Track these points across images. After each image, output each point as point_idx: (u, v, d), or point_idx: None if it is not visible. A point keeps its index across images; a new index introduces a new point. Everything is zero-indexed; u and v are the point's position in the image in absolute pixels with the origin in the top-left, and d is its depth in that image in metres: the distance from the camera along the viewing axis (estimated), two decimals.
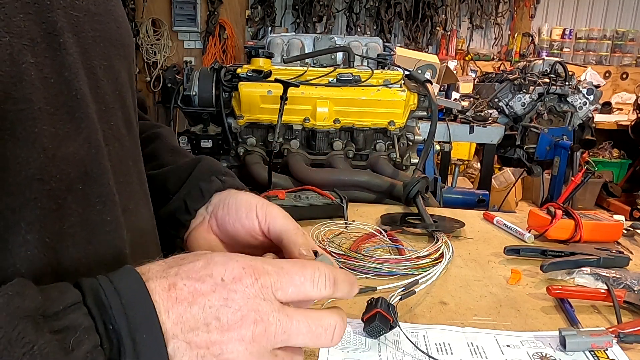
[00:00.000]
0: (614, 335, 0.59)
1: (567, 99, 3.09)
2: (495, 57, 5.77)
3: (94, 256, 0.39)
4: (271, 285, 0.35)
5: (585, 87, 3.10)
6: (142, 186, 0.51)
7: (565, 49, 5.73)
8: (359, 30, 5.53)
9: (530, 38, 5.76)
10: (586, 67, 5.24)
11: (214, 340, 0.33)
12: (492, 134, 2.87)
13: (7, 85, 0.33)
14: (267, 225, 0.50)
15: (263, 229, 0.51)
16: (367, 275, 0.77)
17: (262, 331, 0.34)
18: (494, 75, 3.55)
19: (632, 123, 4.66)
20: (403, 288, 0.71)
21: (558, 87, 3.07)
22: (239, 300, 0.34)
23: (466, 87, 3.48)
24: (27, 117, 0.35)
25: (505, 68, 4.48)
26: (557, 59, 3.39)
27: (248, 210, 0.52)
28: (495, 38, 5.82)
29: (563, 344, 0.58)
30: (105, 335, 0.30)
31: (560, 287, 0.72)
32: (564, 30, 5.75)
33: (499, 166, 4.14)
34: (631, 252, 0.90)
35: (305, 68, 1.43)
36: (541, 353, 0.58)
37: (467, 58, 5.70)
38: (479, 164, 4.04)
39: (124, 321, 0.31)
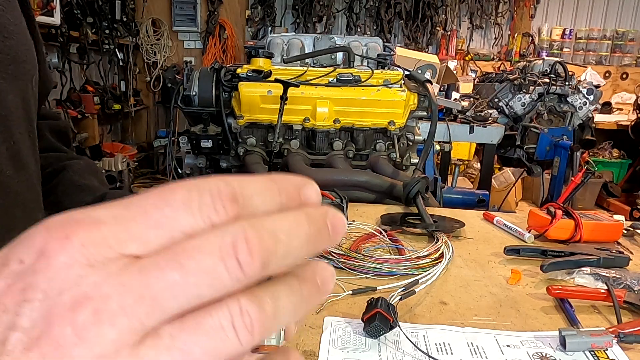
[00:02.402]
0: (614, 335, 0.59)
1: (567, 99, 3.09)
2: (495, 57, 5.78)
3: None
4: (106, 237, 0.19)
5: (585, 87, 3.10)
6: None
7: (565, 49, 5.73)
8: (359, 30, 5.53)
9: (530, 38, 5.76)
10: (586, 67, 5.24)
11: None
12: (492, 134, 2.87)
13: None
14: None
15: None
16: (367, 275, 0.77)
17: (89, 316, 0.18)
18: (494, 75, 3.55)
19: (632, 123, 4.66)
20: (403, 288, 0.71)
21: (558, 87, 3.07)
22: (43, 285, 0.18)
23: (466, 87, 3.48)
24: None
25: (505, 68, 4.49)
26: (557, 59, 3.39)
27: None
28: (495, 38, 5.83)
29: (563, 344, 0.58)
30: None
31: (560, 287, 0.72)
32: (564, 30, 5.75)
33: (499, 166, 4.14)
34: (631, 252, 0.90)
35: (305, 68, 1.43)
36: (541, 353, 0.58)
37: (467, 58, 5.70)
38: (479, 164, 4.04)
39: None
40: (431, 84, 1.42)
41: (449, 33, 5.68)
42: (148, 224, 0.19)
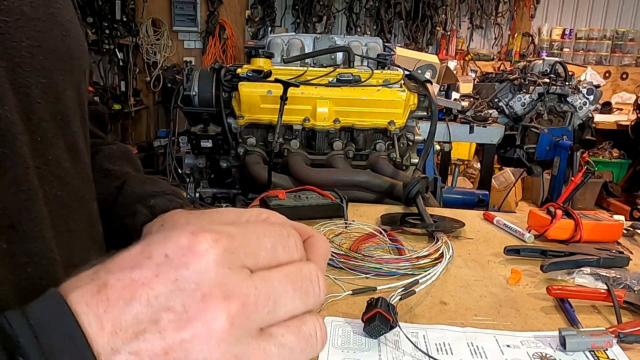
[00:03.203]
0: (614, 335, 0.59)
1: (567, 99, 3.09)
2: (495, 57, 5.78)
3: None
4: (237, 249, 0.26)
5: (585, 87, 3.10)
6: (92, 231, 0.42)
7: (565, 49, 5.73)
8: (359, 30, 5.53)
9: (530, 38, 5.76)
10: (586, 67, 5.24)
11: (173, 341, 0.24)
12: (492, 134, 2.87)
13: None
14: None
15: None
16: (367, 275, 0.77)
17: (238, 308, 0.24)
18: (494, 75, 3.55)
19: (632, 123, 4.66)
20: (403, 288, 0.71)
21: (558, 87, 3.07)
22: (194, 277, 0.24)
23: (466, 87, 3.48)
24: None
25: (505, 68, 4.49)
26: (557, 59, 3.39)
27: None
28: (495, 38, 5.83)
29: (563, 344, 0.58)
30: None
31: (560, 287, 0.72)
32: (564, 30, 5.75)
33: (499, 166, 4.14)
34: (631, 252, 0.90)
35: (305, 68, 1.43)
36: (541, 353, 0.58)
37: (467, 58, 5.70)
38: (479, 164, 4.04)
39: (34, 348, 0.23)
40: (431, 84, 1.42)
41: (449, 33, 5.68)
42: (260, 247, 0.27)
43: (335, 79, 1.41)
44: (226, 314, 0.24)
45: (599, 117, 4.52)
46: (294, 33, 3.45)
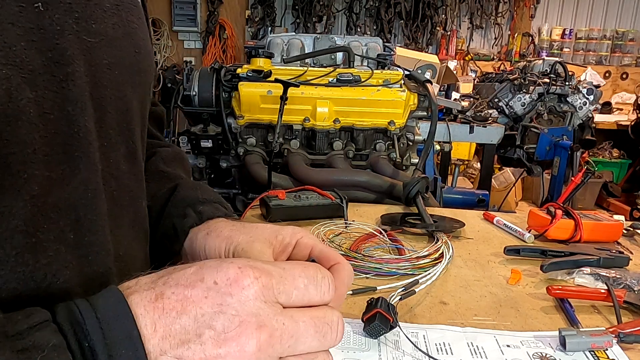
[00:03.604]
0: (614, 335, 0.59)
1: (567, 99, 3.09)
2: (495, 57, 5.78)
3: None
4: (273, 286, 0.31)
5: (585, 87, 3.10)
6: (135, 227, 0.46)
7: (565, 49, 5.73)
8: (359, 30, 5.53)
9: (530, 38, 5.76)
10: (586, 67, 5.24)
11: (210, 354, 0.28)
12: (492, 134, 2.87)
13: (0, 125, 0.29)
14: None
15: None
16: (367, 275, 0.77)
17: (266, 338, 0.29)
18: (494, 75, 3.55)
19: (632, 123, 4.66)
20: (403, 288, 0.71)
21: (558, 87, 3.07)
22: (236, 305, 0.29)
23: (466, 87, 3.48)
24: (16, 162, 0.31)
25: (505, 68, 4.49)
26: (557, 59, 3.39)
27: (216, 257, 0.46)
28: (495, 38, 5.82)
29: (563, 344, 0.58)
30: (79, 352, 0.27)
31: (560, 287, 0.72)
32: (564, 30, 5.75)
33: (499, 166, 4.14)
34: (631, 252, 0.90)
35: (305, 68, 1.43)
36: (541, 353, 0.58)
37: (467, 58, 5.70)
38: (479, 164, 4.04)
39: (99, 337, 0.27)
40: (431, 84, 1.42)
41: (449, 33, 5.68)
42: (294, 286, 0.32)
43: (335, 79, 1.41)
44: (256, 340, 0.29)
45: (599, 117, 4.52)
46: (294, 33, 3.46)
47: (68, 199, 0.35)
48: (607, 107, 5.06)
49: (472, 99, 3.20)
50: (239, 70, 1.42)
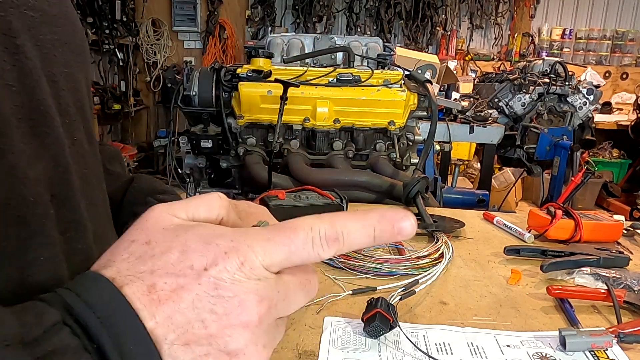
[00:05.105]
0: (614, 335, 0.59)
1: (567, 99, 3.09)
2: (495, 57, 5.78)
3: None
4: (261, 264, 0.31)
5: (585, 87, 3.10)
6: (105, 208, 0.47)
7: (565, 49, 5.73)
8: (359, 30, 5.53)
9: (530, 38, 5.76)
10: (586, 67, 5.24)
11: (214, 333, 0.30)
12: (492, 134, 2.87)
13: None
14: None
15: None
16: (367, 275, 0.77)
17: (266, 309, 0.31)
18: (494, 75, 3.55)
19: (632, 123, 4.66)
20: (403, 288, 0.71)
21: (558, 87, 3.07)
22: (231, 287, 0.30)
23: (466, 87, 3.48)
24: None
25: (505, 68, 4.49)
26: (557, 59, 3.39)
27: None
28: (495, 38, 5.82)
29: (563, 344, 0.58)
30: (95, 352, 0.27)
31: (560, 287, 0.72)
32: (564, 30, 5.75)
33: (499, 166, 4.14)
34: (631, 252, 0.90)
35: (305, 68, 1.43)
36: (541, 353, 0.58)
37: (467, 58, 5.70)
38: (479, 164, 4.04)
39: (105, 337, 0.27)
40: (431, 84, 1.42)
41: (449, 33, 5.68)
42: (282, 254, 0.31)
43: (335, 79, 1.41)
44: (257, 313, 0.30)
45: (599, 117, 4.52)
46: (294, 33, 3.46)
47: (43, 174, 0.35)
48: (607, 107, 5.06)
49: (472, 99, 3.20)
50: (239, 70, 1.42)
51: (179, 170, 1.57)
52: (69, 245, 0.37)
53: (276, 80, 1.31)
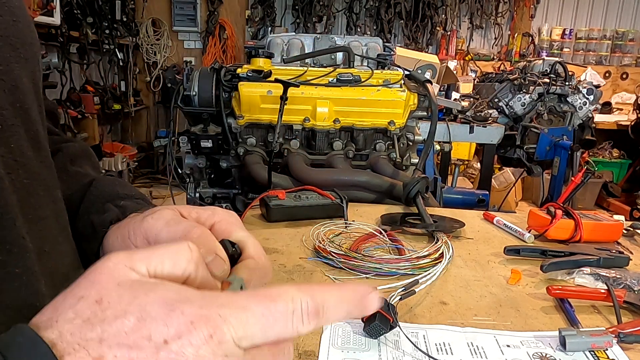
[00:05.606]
0: (614, 335, 0.59)
1: (567, 99, 3.09)
2: (495, 57, 5.78)
3: None
4: (232, 338, 0.26)
5: (585, 87, 3.10)
6: (59, 219, 0.42)
7: (565, 49, 5.73)
8: (359, 30, 5.53)
9: (530, 38, 5.76)
10: (586, 67, 5.24)
11: None
12: (492, 134, 2.87)
13: None
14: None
15: None
16: (367, 275, 0.77)
17: None
18: (494, 75, 3.55)
19: (632, 123, 4.66)
20: (403, 288, 0.71)
21: (558, 87, 3.07)
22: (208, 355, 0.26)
23: (466, 87, 3.48)
24: None
25: (505, 68, 4.49)
26: (557, 59, 3.39)
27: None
28: (495, 38, 5.83)
29: (563, 344, 0.58)
30: None
31: (560, 287, 0.72)
32: (564, 30, 5.75)
33: (499, 166, 4.14)
34: (631, 252, 0.90)
35: (305, 68, 1.43)
36: (541, 353, 0.58)
37: (467, 58, 5.70)
38: (479, 164, 4.04)
39: None
40: (431, 84, 1.42)
41: (449, 33, 5.68)
42: (258, 327, 0.27)
43: (335, 79, 1.41)
44: None
45: (599, 117, 4.52)
46: (294, 33, 3.46)
47: None
48: (607, 107, 5.06)
49: (472, 99, 3.20)
50: (239, 70, 1.42)
51: (179, 170, 1.56)
52: (2, 269, 0.32)
53: (276, 80, 1.31)
